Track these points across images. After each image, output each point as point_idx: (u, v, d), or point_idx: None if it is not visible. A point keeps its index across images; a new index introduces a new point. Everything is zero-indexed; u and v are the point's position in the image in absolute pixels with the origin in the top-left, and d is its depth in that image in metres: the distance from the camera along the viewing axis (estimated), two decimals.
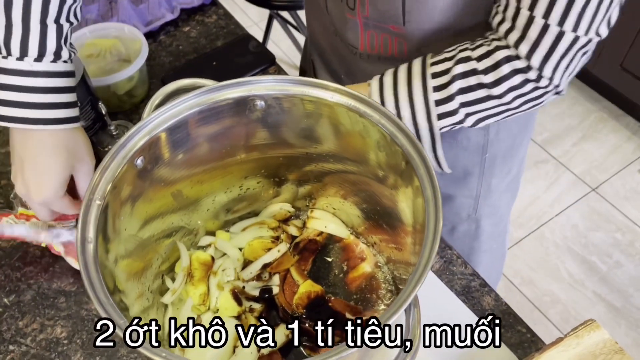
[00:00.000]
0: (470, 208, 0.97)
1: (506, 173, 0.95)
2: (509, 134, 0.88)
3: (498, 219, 1.02)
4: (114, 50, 0.91)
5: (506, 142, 0.89)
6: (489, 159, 0.90)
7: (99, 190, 0.52)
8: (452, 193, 0.94)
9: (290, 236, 0.74)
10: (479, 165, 0.90)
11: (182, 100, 0.58)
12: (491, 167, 0.91)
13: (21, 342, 0.70)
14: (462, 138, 0.86)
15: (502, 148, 0.90)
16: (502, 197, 0.99)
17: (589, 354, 0.65)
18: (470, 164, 0.90)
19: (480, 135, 0.86)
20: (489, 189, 0.95)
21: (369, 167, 0.63)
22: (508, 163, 0.94)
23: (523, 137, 0.93)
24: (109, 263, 0.52)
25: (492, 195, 0.96)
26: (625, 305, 1.71)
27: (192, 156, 0.63)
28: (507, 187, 0.98)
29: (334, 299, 0.69)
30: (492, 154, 0.89)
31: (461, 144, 0.87)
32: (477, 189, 0.94)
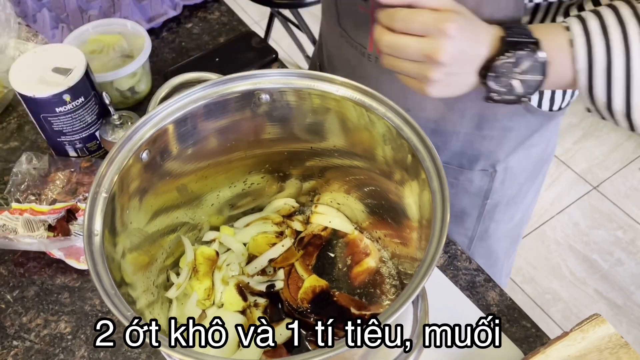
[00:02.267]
0: (464, 246, 0.94)
1: (507, 220, 0.93)
2: (515, 182, 0.87)
3: (492, 262, 0.99)
4: (117, 46, 0.91)
5: (511, 190, 0.87)
6: (490, 204, 0.88)
7: (105, 183, 0.52)
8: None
9: (295, 231, 0.74)
10: (478, 209, 0.89)
11: (188, 93, 0.58)
12: (491, 212, 0.90)
13: (25, 337, 0.70)
14: (464, 180, 0.85)
15: (506, 195, 0.88)
16: (500, 243, 0.97)
17: (594, 348, 0.65)
18: (469, 206, 0.89)
19: (485, 180, 0.84)
20: (486, 232, 0.93)
21: (375, 162, 0.63)
22: (511, 210, 0.91)
23: (530, 187, 0.91)
24: (116, 256, 0.52)
25: (489, 239, 0.94)
26: (626, 303, 1.71)
27: (197, 150, 0.63)
28: (506, 234, 0.96)
29: (338, 293, 0.68)
30: (495, 200, 0.87)
31: (462, 186, 0.85)
32: (472, 230, 0.92)
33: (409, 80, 0.59)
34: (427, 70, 0.56)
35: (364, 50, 0.76)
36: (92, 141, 0.83)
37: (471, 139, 0.79)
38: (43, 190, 0.78)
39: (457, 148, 0.81)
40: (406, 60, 0.57)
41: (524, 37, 0.57)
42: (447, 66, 0.55)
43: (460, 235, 0.93)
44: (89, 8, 1.03)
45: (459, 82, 0.58)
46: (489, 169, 0.83)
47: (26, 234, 0.73)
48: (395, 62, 0.58)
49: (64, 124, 0.78)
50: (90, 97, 0.79)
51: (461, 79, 0.58)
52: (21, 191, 0.78)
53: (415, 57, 0.56)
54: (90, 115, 0.80)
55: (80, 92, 0.77)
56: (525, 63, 0.57)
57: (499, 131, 0.78)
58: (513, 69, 0.57)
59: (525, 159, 0.84)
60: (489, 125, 0.77)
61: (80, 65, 0.77)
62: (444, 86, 0.57)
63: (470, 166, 0.83)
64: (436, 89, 0.57)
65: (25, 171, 0.80)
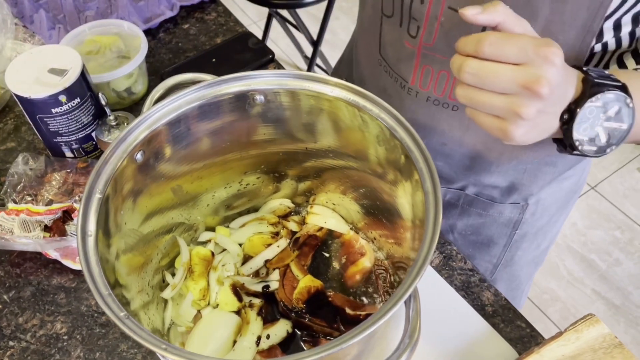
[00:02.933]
0: (487, 272, 0.93)
1: (534, 248, 0.91)
2: (545, 214, 0.84)
3: (515, 286, 0.97)
4: (114, 47, 0.91)
5: (541, 221, 0.85)
6: (519, 235, 0.86)
7: (99, 184, 0.53)
8: (470, 254, 0.90)
9: (290, 232, 0.74)
10: (506, 238, 0.86)
11: (182, 94, 0.58)
12: (519, 241, 0.87)
13: (21, 337, 0.70)
14: (494, 212, 0.83)
15: (536, 226, 0.86)
16: (524, 269, 0.95)
17: (588, 348, 0.65)
18: (496, 235, 0.86)
19: (515, 212, 0.82)
20: (512, 259, 0.90)
21: (369, 162, 0.63)
22: (538, 239, 0.89)
23: (560, 216, 0.89)
24: (110, 257, 0.52)
25: (514, 266, 0.92)
26: (624, 303, 1.71)
27: (192, 151, 0.63)
28: (531, 260, 0.94)
29: (333, 293, 0.69)
30: (523, 230, 0.85)
31: (492, 217, 0.83)
32: (498, 257, 0.90)
33: (488, 119, 0.50)
34: (519, 105, 0.47)
35: (404, 83, 0.71)
36: (88, 142, 0.83)
37: (505, 175, 0.77)
38: (39, 191, 0.78)
39: (490, 182, 0.79)
40: (494, 93, 0.48)
41: (608, 80, 0.51)
42: (544, 100, 0.47)
43: (485, 261, 0.91)
44: (85, 9, 1.03)
45: (545, 126, 0.51)
46: (521, 202, 0.81)
47: (22, 235, 0.73)
48: (479, 96, 0.49)
49: (60, 125, 0.78)
50: (86, 97, 0.79)
51: (549, 120, 0.51)
52: (17, 192, 0.78)
53: (509, 87, 0.47)
54: (86, 116, 0.80)
55: (76, 93, 0.77)
56: (613, 108, 0.50)
57: (536, 165, 0.76)
58: (600, 115, 0.51)
59: (558, 191, 0.83)
60: (524, 162, 0.75)
61: (76, 66, 0.77)
62: (530, 128, 0.49)
63: (502, 200, 0.81)
64: (521, 131, 0.49)
65: (21, 172, 0.80)
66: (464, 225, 0.87)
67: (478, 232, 0.86)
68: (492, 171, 0.77)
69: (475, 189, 0.82)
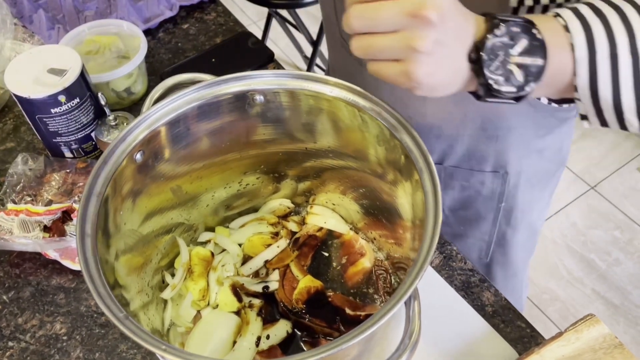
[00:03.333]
0: (482, 252, 0.93)
1: (524, 228, 0.91)
2: (528, 186, 0.85)
3: (512, 272, 0.97)
4: (113, 47, 0.91)
5: (525, 195, 0.86)
6: (505, 209, 0.86)
7: (99, 184, 0.52)
8: (462, 233, 0.90)
9: (290, 232, 0.74)
10: (493, 212, 0.87)
11: (182, 94, 0.58)
12: (507, 217, 0.87)
13: (20, 338, 0.70)
14: (475, 182, 0.83)
15: (520, 201, 0.86)
16: (518, 252, 0.94)
17: (588, 348, 0.65)
18: (483, 209, 0.86)
19: (497, 183, 0.83)
20: (504, 238, 0.90)
21: (369, 162, 0.63)
22: (526, 218, 0.89)
23: (543, 190, 0.89)
24: (109, 258, 0.52)
25: (507, 246, 0.92)
26: (623, 303, 1.71)
27: (191, 151, 0.63)
28: (523, 244, 0.94)
29: (333, 294, 0.68)
30: (509, 204, 0.85)
31: (474, 188, 0.84)
32: (489, 234, 0.90)
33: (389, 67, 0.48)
34: (412, 37, 0.45)
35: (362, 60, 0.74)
36: (88, 142, 0.83)
37: (477, 140, 0.78)
38: (39, 191, 0.78)
39: (463, 151, 0.80)
40: (386, 34, 0.47)
41: (512, 17, 0.49)
42: (437, 27, 0.45)
43: (477, 239, 0.91)
44: (85, 9, 1.03)
45: (450, 64, 0.48)
46: (500, 170, 0.82)
47: (21, 235, 0.73)
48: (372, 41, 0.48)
49: (59, 125, 0.78)
50: (85, 98, 0.79)
51: (452, 57, 0.48)
52: (17, 192, 0.78)
53: (398, 21, 0.46)
54: (85, 116, 0.80)
55: (75, 93, 0.77)
56: (521, 41, 0.48)
57: (504, 131, 0.76)
58: (509, 50, 0.48)
59: (538, 162, 0.83)
60: (493, 125, 0.76)
61: (75, 66, 0.77)
62: (434, 64, 0.47)
63: (480, 167, 0.82)
64: (424, 69, 0.46)
65: (21, 172, 0.80)
66: (450, 200, 0.88)
67: (465, 207, 0.87)
68: (462, 137, 0.78)
69: (452, 160, 0.82)
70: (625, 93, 0.49)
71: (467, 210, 0.88)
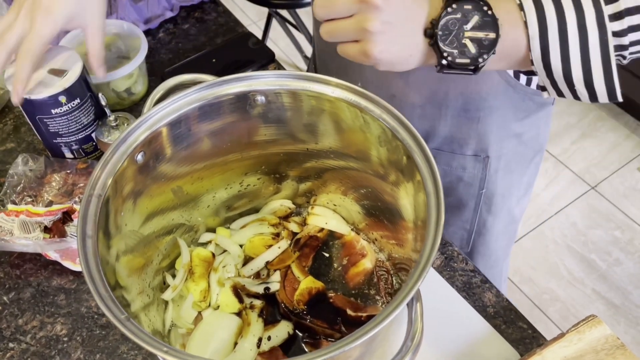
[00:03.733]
0: (464, 241, 0.94)
1: (505, 214, 0.93)
2: (508, 171, 0.86)
3: (493, 262, 0.99)
4: (114, 47, 0.91)
5: (505, 180, 0.87)
6: (486, 195, 0.88)
7: (99, 185, 0.52)
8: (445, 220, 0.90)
9: (291, 233, 0.74)
10: (475, 199, 0.88)
11: (183, 95, 0.58)
12: (488, 203, 0.89)
13: (21, 339, 0.70)
14: (457, 166, 0.85)
15: (501, 186, 0.87)
16: (499, 241, 0.96)
17: (590, 349, 0.65)
18: (465, 196, 0.88)
19: (478, 168, 0.84)
20: (484, 226, 0.92)
21: (370, 163, 0.63)
22: (507, 204, 0.91)
23: (522, 177, 0.91)
24: (110, 259, 0.52)
25: (487, 234, 0.94)
26: (624, 303, 1.71)
27: (192, 152, 0.63)
28: (504, 230, 0.96)
29: (334, 295, 0.68)
30: (490, 190, 0.87)
31: (456, 173, 0.85)
32: (471, 222, 0.92)
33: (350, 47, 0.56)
34: (363, 20, 0.53)
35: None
36: (88, 142, 0.83)
37: (459, 121, 0.79)
38: (39, 192, 0.78)
39: (446, 132, 0.81)
40: (344, 19, 0.54)
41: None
42: (383, 10, 0.52)
43: (459, 228, 0.93)
44: None
45: (404, 39, 0.55)
46: (481, 154, 0.83)
47: (22, 236, 0.73)
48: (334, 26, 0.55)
49: (59, 126, 0.78)
50: (86, 98, 0.78)
51: (405, 33, 0.54)
52: (17, 193, 0.78)
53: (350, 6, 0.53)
54: (86, 117, 0.80)
55: (76, 93, 0.76)
56: (473, 18, 0.54)
57: (485, 111, 0.78)
58: (463, 26, 0.54)
59: (517, 146, 0.85)
60: (474, 105, 0.77)
61: (76, 66, 0.77)
62: (387, 42, 0.53)
63: (462, 150, 0.83)
64: (379, 47, 0.53)
65: (21, 173, 0.80)
66: None
67: (447, 193, 0.87)
68: (445, 117, 0.79)
69: (435, 143, 0.83)
70: (574, 65, 0.54)
71: (449, 197, 0.88)
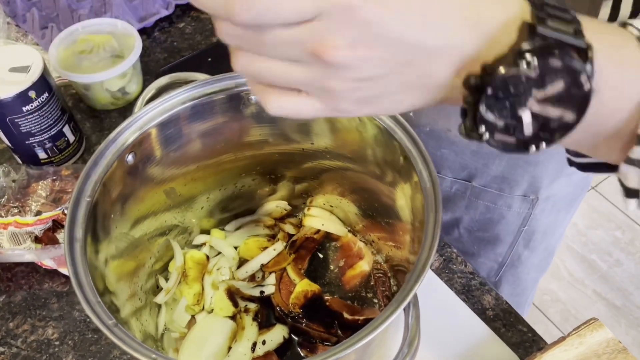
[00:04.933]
0: (492, 272, 0.90)
1: (542, 250, 0.88)
2: (554, 209, 0.81)
3: (520, 291, 0.94)
4: (107, 46, 0.90)
5: (549, 218, 0.82)
6: (527, 232, 0.83)
7: (88, 188, 0.51)
8: (475, 252, 0.87)
9: (287, 234, 0.72)
10: (514, 235, 0.83)
11: (174, 94, 0.57)
12: (526, 239, 0.84)
13: (12, 343, 0.69)
14: (502, 205, 0.79)
15: (544, 224, 0.83)
16: (531, 273, 0.91)
17: (591, 353, 0.63)
18: (504, 232, 0.83)
19: (524, 207, 0.79)
20: (519, 259, 0.87)
21: (367, 164, 0.62)
22: (547, 240, 0.86)
23: (567, 214, 0.86)
24: (99, 264, 0.51)
25: (520, 266, 0.89)
26: (625, 304, 1.70)
27: (185, 152, 0.61)
28: (538, 264, 0.91)
29: (331, 298, 0.67)
30: (532, 227, 0.82)
31: (499, 211, 0.80)
32: (504, 256, 0.87)
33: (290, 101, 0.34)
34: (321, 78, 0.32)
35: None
36: (60, 139, 0.81)
37: (515, 163, 0.74)
38: (25, 202, 0.76)
39: (497, 172, 0.76)
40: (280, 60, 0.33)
41: (565, 34, 0.31)
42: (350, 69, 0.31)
43: (490, 260, 0.88)
44: (79, 7, 1.01)
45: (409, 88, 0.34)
46: (531, 195, 0.78)
47: (12, 248, 0.71)
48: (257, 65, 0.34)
49: (32, 124, 0.76)
50: (52, 92, 0.77)
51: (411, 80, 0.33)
52: (2, 205, 0.76)
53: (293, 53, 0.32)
54: (56, 111, 0.78)
55: (44, 87, 0.75)
56: (556, 84, 0.31)
57: (546, 156, 0.71)
58: (531, 90, 0.31)
59: (567, 186, 0.80)
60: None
61: (37, 60, 0.75)
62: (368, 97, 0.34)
63: (511, 191, 0.78)
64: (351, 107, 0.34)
65: (5, 185, 0.77)
66: (470, 220, 0.84)
67: (485, 229, 0.83)
68: (501, 157, 0.73)
69: (482, 180, 0.78)
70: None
71: (486, 233, 0.84)
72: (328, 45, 0.30)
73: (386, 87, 0.33)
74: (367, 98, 0.34)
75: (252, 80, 0.35)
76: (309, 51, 0.31)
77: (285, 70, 0.33)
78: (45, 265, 0.72)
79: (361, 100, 0.34)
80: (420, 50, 0.31)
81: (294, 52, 0.32)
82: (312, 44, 0.31)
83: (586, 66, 0.31)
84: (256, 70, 0.34)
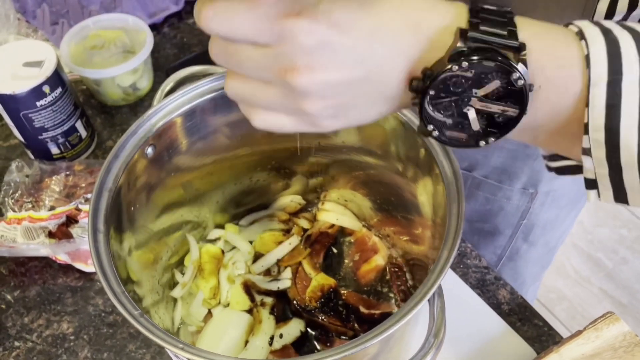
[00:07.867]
0: (491, 264, 0.86)
1: (542, 245, 0.88)
2: (555, 206, 0.81)
3: (518, 285, 0.94)
4: (118, 41, 0.90)
5: (550, 213, 0.82)
6: (526, 225, 0.83)
7: (110, 179, 0.51)
8: (475, 243, 0.87)
9: (302, 229, 0.72)
10: (512, 228, 0.84)
11: (194, 87, 0.57)
12: (526, 233, 0.84)
13: (27, 338, 0.69)
14: (501, 197, 0.80)
15: (544, 219, 0.83)
16: (529, 267, 0.92)
17: (608, 346, 0.63)
18: (503, 224, 0.83)
19: (523, 200, 0.79)
20: (517, 253, 0.88)
21: (386, 157, 0.62)
22: (547, 235, 0.86)
23: (570, 212, 0.86)
24: (122, 253, 0.51)
25: (519, 260, 0.89)
26: (631, 302, 1.70)
27: (203, 145, 0.61)
28: (537, 259, 0.91)
29: (347, 292, 0.67)
30: (531, 221, 0.82)
31: (499, 202, 0.81)
32: (503, 248, 0.87)
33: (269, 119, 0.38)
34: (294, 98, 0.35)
35: None
36: (73, 134, 0.81)
37: (515, 155, 0.74)
38: (39, 197, 0.75)
39: (498, 163, 0.77)
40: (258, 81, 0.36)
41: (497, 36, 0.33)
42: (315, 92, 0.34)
43: (489, 252, 0.89)
44: (89, 4, 1.01)
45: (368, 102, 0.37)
46: (530, 188, 0.79)
47: (26, 242, 0.71)
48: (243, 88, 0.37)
49: (45, 119, 0.77)
50: (66, 87, 0.77)
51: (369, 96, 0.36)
52: (15, 200, 0.75)
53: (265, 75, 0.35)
54: (69, 106, 0.78)
55: (57, 82, 0.75)
56: (492, 83, 0.34)
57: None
58: (472, 90, 0.34)
59: (570, 182, 0.80)
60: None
61: (50, 55, 0.75)
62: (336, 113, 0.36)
63: (510, 183, 0.79)
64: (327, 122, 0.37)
65: (18, 180, 0.77)
66: (470, 211, 0.85)
67: (484, 219, 0.84)
68: (502, 149, 0.74)
69: (483, 171, 0.79)
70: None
71: (485, 224, 0.85)
72: (290, 68, 0.33)
73: (353, 101, 0.36)
74: (338, 113, 0.36)
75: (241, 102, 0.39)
76: (276, 73, 0.34)
77: (265, 93, 0.36)
78: (59, 260, 0.72)
79: (334, 116, 0.36)
80: (371, 61, 0.34)
81: (267, 73, 0.35)
82: (278, 67, 0.34)
83: (518, 65, 0.33)
84: (243, 94, 0.37)
